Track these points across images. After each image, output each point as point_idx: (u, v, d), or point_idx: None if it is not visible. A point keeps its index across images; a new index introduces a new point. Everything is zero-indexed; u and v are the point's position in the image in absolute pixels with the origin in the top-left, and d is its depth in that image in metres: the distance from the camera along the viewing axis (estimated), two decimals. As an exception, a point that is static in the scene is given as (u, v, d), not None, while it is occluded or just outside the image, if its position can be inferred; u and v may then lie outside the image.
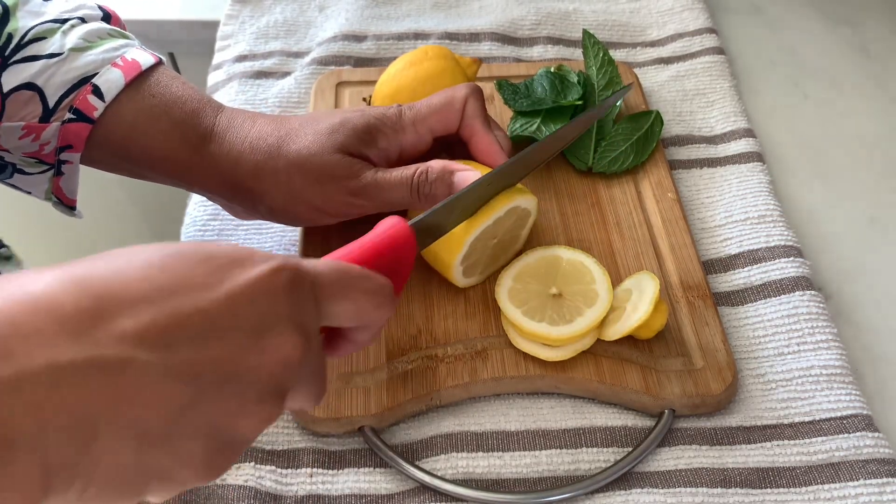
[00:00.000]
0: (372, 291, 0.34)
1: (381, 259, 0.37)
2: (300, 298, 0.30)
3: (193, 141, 0.49)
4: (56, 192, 0.51)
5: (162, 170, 0.50)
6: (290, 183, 0.48)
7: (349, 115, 0.50)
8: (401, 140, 0.50)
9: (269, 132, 0.49)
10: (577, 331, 0.48)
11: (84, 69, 0.48)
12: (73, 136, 0.48)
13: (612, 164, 0.60)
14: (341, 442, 0.48)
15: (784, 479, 0.46)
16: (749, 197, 0.60)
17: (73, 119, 0.47)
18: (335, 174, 0.48)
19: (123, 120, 0.48)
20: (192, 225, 0.60)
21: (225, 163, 0.49)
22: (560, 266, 0.52)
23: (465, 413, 0.49)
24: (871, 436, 0.47)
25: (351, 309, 0.33)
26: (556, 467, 0.47)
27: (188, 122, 0.49)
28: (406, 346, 0.50)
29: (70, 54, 0.48)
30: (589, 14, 0.77)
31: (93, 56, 0.48)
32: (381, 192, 0.48)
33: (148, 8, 0.87)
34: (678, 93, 0.69)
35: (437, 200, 0.48)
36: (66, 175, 0.50)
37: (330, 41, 0.74)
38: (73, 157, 0.49)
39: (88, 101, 0.47)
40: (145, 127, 0.48)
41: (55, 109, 0.47)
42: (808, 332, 0.52)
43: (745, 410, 0.49)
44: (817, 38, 0.77)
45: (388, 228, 0.38)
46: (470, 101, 0.51)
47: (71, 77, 0.47)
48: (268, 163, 0.48)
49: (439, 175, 0.48)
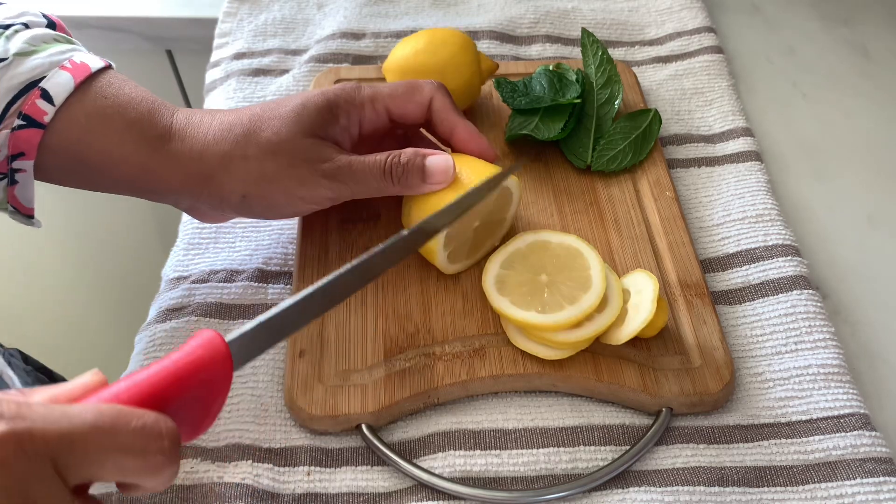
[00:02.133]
0: (139, 449, 0.29)
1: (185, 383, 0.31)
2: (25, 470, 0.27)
3: (151, 140, 0.47)
4: (11, 202, 0.49)
5: (120, 174, 0.48)
6: (262, 169, 0.47)
7: (309, 96, 0.50)
8: (359, 114, 0.51)
9: (233, 122, 0.48)
10: (567, 318, 0.47)
11: (31, 73, 0.46)
12: (25, 143, 0.46)
13: (611, 163, 0.60)
14: (339, 440, 0.48)
15: (781, 477, 0.46)
16: (747, 196, 0.60)
17: (22, 125, 0.46)
18: (308, 157, 0.48)
19: (76, 123, 0.47)
20: (190, 223, 0.60)
21: (188, 158, 0.47)
22: (551, 251, 0.51)
23: (463, 411, 0.49)
24: (867, 434, 0.47)
25: (113, 469, 0.29)
26: (553, 465, 0.47)
27: (144, 121, 0.48)
28: (404, 344, 0.50)
29: (15, 59, 0.46)
30: (588, 12, 0.77)
31: (39, 60, 0.47)
32: (354, 174, 0.48)
33: (146, 5, 0.87)
34: (676, 91, 0.69)
35: (409, 181, 0.49)
36: (21, 184, 0.48)
37: (328, 39, 0.74)
38: (26, 165, 0.47)
39: (37, 106, 0.46)
40: (99, 129, 0.47)
41: (3, 116, 0.46)
42: (806, 330, 0.52)
43: (742, 409, 0.49)
44: (816, 38, 0.77)
45: (199, 346, 0.33)
46: (437, 97, 0.52)
47: (17, 82, 0.46)
48: (236, 151, 0.47)
49: (411, 158, 0.49)
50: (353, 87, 0.51)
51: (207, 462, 0.47)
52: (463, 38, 0.62)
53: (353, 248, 0.56)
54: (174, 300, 0.55)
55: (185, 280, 0.56)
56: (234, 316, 0.54)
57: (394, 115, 0.52)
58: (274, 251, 0.58)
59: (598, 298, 0.48)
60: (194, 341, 0.33)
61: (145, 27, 0.87)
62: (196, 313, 0.54)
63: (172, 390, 0.31)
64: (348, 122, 0.51)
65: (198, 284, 0.56)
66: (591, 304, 0.48)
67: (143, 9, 0.87)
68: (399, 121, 0.52)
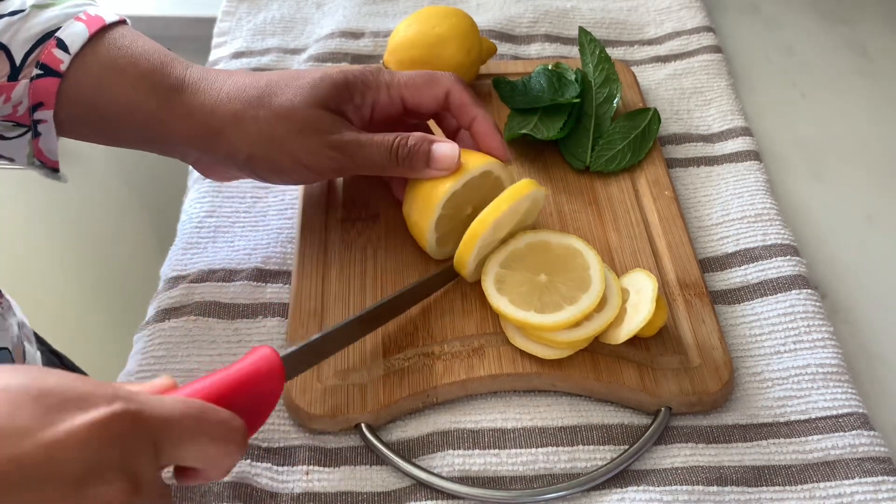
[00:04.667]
0: (221, 438, 0.33)
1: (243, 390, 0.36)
2: (134, 446, 0.29)
3: (163, 91, 0.49)
4: (38, 155, 0.52)
5: (131, 123, 0.50)
6: (271, 131, 0.49)
7: (329, 71, 0.51)
8: (374, 97, 0.51)
9: (248, 84, 0.50)
10: (566, 318, 0.47)
11: (47, 24, 0.48)
12: (44, 92, 0.48)
13: (610, 163, 0.60)
14: (337, 439, 0.48)
15: (780, 477, 0.46)
16: (746, 195, 0.60)
17: (40, 74, 0.48)
18: (318, 127, 0.49)
19: (90, 73, 0.48)
20: (189, 222, 0.60)
21: (199, 111, 0.49)
22: (550, 251, 0.51)
23: (462, 410, 0.49)
24: (866, 434, 0.47)
25: (197, 454, 0.32)
26: (552, 465, 0.47)
27: (157, 72, 0.49)
28: (403, 344, 0.50)
29: (32, 11, 0.49)
30: (587, 12, 0.77)
31: (55, 12, 0.49)
32: (361, 148, 0.49)
33: (144, 4, 0.87)
34: (675, 91, 0.69)
35: (414, 164, 0.50)
36: (44, 135, 0.50)
37: (327, 38, 0.74)
38: (46, 116, 0.49)
39: (54, 55, 0.48)
40: (112, 79, 0.49)
41: (22, 66, 0.48)
42: (805, 330, 0.52)
43: (741, 409, 0.49)
44: (815, 37, 0.77)
45: (257, 360, 0.37)
46: (455, 90, 0.52)
47: (34, 32, 0.48)
48: (248, 111, 0.49)
49: (418, 141, 0.49)
50: (373, 70, 0.52)
51: (206, 461, 0.47)
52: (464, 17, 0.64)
53: (352, 247, 0.56)
54: (173, 299, 0.55)
55: (184, 279, 0.56)
56: (233, 315, 0.54)
57: (408, 103, 0.52)
58: (273, 250, 0.58)
59: (597, 298, 0.48)
60: (253, 356, 0.37)
61: (144, 26, 0.86)
62: (195, 312, 0.54)
63: (233, 396, 0.35)
64: (362, 102, 0.51)
65: (196, 284, 0.56)
66: (590, 304, 0.48)
67: (141, 7, 0.87)
68: (413, 110, 0.53)
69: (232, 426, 0.34)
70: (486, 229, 0.49)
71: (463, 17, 0.64)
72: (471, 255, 0.50)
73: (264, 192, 0.62)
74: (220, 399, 0.35)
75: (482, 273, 0.51)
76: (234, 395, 0.35)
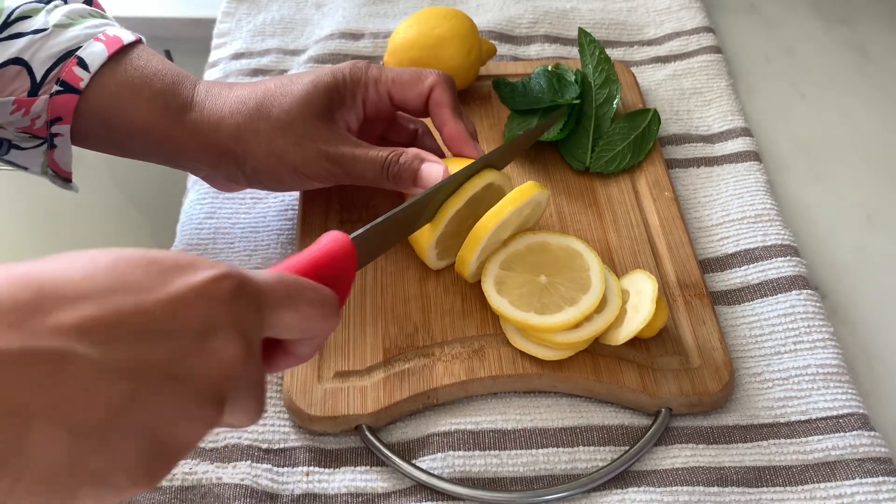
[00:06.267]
0: (317, 302, 0.34)
1: (321, 272, 0.36)
2: (243, 307, 0.30)
3: (174, 110, 0.51)
4: (52, 166, 0.53)
5: (146, 140, 0.51)
6: (271, 144, 0.50)
7: (320, 74, 0.52)
8: (363, 95, 0.53)
9: (246, 96, 0.51)
10: (566, 319, 0.47)
11: (68, 43, 0.50)
12: (62, 108, 0.49)
13: (610, 164, 0.60)
14: (337, 440, 0.48)
15: (780, 477, 0.46)
16: (746, 196, 0.60)
17: (60, 91, 0.49)
18: (315, 137, 0.50)
19: (107, 91, 0.50)
20: (189, 224, 0.60)
21: (206, 128, 0.51)
22: (550, 252, 0.51)
23: (462, 412, 0.49)
24: (867, 434, 0.47)
25: (296, 319, 0.33)
26: (553, 466, 0.47)
27: (168, 92, 0.51)
28: (403, 345, 0.50)
29: (54, 30, 0.50)
30: (586, 12, 0.77)
31: (76, 31, 0.50)
32: (355, 163, 0.50)
33: (144, 5, 0.87)
34: (675, 91, 0.69)
35: (401, 183, 0.51)
36: (59, 148, 0.51)
37: (327, 39, 0.74)
38: (63, 130, 0.50)
39: (74, 73, 0.49)
40: (128, 98, 0.50)
41: (42, 82, 0.49)
42: (805, 331, 0.52)
43: (741, 409, 0.49)
44: (815, 38, 0.77)
45: (330, 242, 0.38)
46: (437, 89, 0.52)
47: (56, 51, 0.49)
48: (249, 125, 0.50)
49: (409, 160, 0.50)
50: (360, 67, 0.53)
51: (206, 462, 0.47)
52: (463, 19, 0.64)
53: (351, 248, 0.56)
54: (173, 300, 0.55)
55: (184, 280, 0.56)
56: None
57: (395, 99, 0.53)
58: (273, 251, 0.58)
59: (598, 299, 0.48)
60: (325, 239, 0.37)
61: (143, 27, 0.86)
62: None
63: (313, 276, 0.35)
64: (354, 102, 0.53)
65: (196, 285, 0.56)
66: (590, 305, 0.48)
67: (141, 8, 0.87)
68: (399, 107, 0.54)
69: (326, 292, 0.34)
70: (489, 231, 0.49)
71: (463, 18, 0.64)
72: (473, 256, 0.50)
73: (264, 193, 0.62)
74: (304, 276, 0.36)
75: (482, 274, 0.51)
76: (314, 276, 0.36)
